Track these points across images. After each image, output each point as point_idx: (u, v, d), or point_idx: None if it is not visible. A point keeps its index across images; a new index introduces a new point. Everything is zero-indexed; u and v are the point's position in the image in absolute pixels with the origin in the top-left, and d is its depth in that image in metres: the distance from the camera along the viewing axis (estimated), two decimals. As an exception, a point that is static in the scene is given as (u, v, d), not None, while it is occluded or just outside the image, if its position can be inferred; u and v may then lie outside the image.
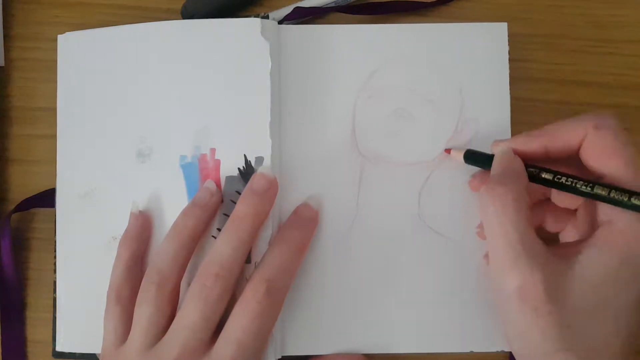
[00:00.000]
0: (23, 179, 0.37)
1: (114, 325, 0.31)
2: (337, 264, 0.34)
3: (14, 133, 0.37)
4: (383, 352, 0.33)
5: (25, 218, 0.37)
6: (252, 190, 0.31)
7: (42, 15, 0.38)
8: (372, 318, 0.33)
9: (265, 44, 0.33)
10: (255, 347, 0.29)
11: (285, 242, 0.31)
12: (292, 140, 0.34)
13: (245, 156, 0.33)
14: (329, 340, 0.33)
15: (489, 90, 0.34)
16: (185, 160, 0.33)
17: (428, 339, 0.33)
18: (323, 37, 0.35)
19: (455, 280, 0.33)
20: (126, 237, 0.33)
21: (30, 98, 0.38)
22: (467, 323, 0.33)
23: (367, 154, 0.34)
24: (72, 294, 0.34)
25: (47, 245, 0.36)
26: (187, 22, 0.35)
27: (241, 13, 0.38)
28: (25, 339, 0.36)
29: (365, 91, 0.35)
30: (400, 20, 0.37)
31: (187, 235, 0.31)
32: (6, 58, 0.38)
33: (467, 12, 0.37)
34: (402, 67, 0.35)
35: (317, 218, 0.33)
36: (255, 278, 0.29)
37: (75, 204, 0.35)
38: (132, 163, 0.34)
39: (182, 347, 0.28)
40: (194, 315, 0.29)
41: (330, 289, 0.33)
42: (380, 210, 0.34)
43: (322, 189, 0.34)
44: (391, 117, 0.35)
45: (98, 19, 0.38)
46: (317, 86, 0.35)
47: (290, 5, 0.37)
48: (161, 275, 0.30)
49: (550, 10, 0.37)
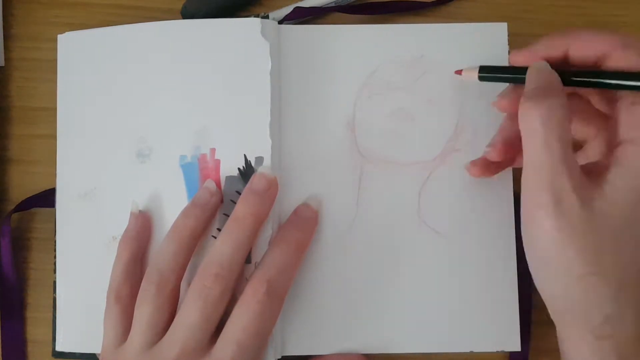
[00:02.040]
0: (23, 179, 0.37)
1: (114, 325, 0.31)
2: (337, 264, 0.34)
3: (14, 133, 0.37)
4: (383, 352, 0.33)
5: (25, 218, 0.37)
6: (252, 190, 0.31)
7: (42, 15, 0.38)
8: (372, 318, 0.33)
9: (265, 44, 0.33)
10: (255, 347, 0.29)
11: (285, 242, 0.31)
12: (292, 140, 0.34)
13: (245, 156, 0.33)
14: (329, 340, 0.33)
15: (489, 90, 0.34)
16: (185, 160, 0.33)
17: (428, 339, 0.33)
18: (323, 37, 0.35)
19: (455, 280, 0.33)
20: (126, 237, 0.33)
21: (30, 98, 0.38)
22: (467, 323, 0.33)
23: (367, 154, 0.34)
24: (72, 294, 0.34)
25: (47, 245, 0.36)
26: (187, 22, 0.35)
27: (241, 13, 0.38)
28: (25, 339, 0.36)
29: (365, 91, 0.35)
30: (400, 20, 0.37)
31: (187, 235, 0.31)
32: (6, 58, 0.38)
33: (467, 12, 0.37)
34: (402, 67, 0.35)
35: (317, 218, 0.33)
36: (255, 278, 0.29)
37: (75, 204, 0.35)
38: (132, 163, 0.34)
39: (182, 347, 0.28)
40: (193, 315, 0.29)
41: (330, 289, 0.33)
42: (380, 210, 0.34)
43: (322, 189, 0.34)
44: (391, 117, 0.35)
45: (98, 19, 0.38)
46: (317, 86, 0.35)
47: (290, 5, 0.37)
48: (161, 275, 0.30)
49: (550, 10, 0.37)
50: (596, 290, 0.26)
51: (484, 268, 0.33)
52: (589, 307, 0.26)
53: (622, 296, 0.26)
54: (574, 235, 0.25)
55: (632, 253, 0.26)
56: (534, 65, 0.29)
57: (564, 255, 0.26)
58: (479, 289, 0.33)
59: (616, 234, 0.26)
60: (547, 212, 0.26)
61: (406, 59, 0.35)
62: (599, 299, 0.26)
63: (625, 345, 0.25)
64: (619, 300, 0.25)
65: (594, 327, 0.26)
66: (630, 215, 0.26)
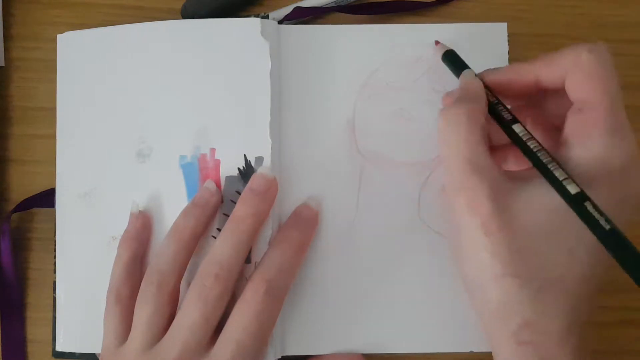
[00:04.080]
0: (23, 179, 0.37)
1: (114, 325, 0.31)
2: (337, 264, 0.34)
3: (14, 133, 0.37)
4: (383, 352, 0.33)
5: (25, 218, 0.37)
6: (252, 190, 0.31)
7: (42, 15, 0.38)
8: (372, 318, 0.33)
9: (265, 44, 0.33)
10: (255, 347, 0.29)
11: (285, 242, 0.31)
12: (292, 140, 0.34)
13: (245, 156, 0.33)
14: (329, 340, 0.33)
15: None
16: (185, 160, 0.33)
17: (428, 339, 0.33)
18: (323, 37, 0.35)
19: (455, 280, 0.33)
20: (126, 237, 0.33)
21: (30, 98, 0.38)
22: (467, 323, 0.33)
23: (367, 154, 0.34)
24: (72, 294, 0.34)
25: (47, 245, 0.36)
26: (187, 22, 0.35)
27: (241, 13, 0.38)
28: (25, 339, 0.36)
29: (365, 91, 0.35)
30: (400, 20, 0.37)
31: (187, 235, 0.31)
32: (6, 58, 0.38)
33: (467, 12, 0.37)
34: (402, 67, 0.35)
35: (317, 218, 0.33)
36: (255, 278, 0.29)
37: (75, 204, 0.35)
38: (132, 163, 0.34)
39: (182, 347, 0.28)
40: (193, 315, 0.29)
41: (330, 289, 0.33)
42: (380, 210, 0.34)
43: (322, 189, 0.34)
44: (391, 117, 0.35)
45: (98, 19, 0.38)
46: (317, 86, 0.35)
47: (290, 5, 0.37)
48: (161, 275, 0.30)
49: (550, 10, 0.37)
50: (514, 292, 0.25)
51: None
52: (508, 310, 0.25)
53: (542, 300, 0.25)
54: (487, 234, 0.25)
55: (553, 257, 0.25)
56: (463, 72, 0.30)
57: (478, 256, 0.26)
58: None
59: (537, 236, 0.25)
60: (461, 215, 0.26)
61: (406, 59, 0.35)
62: (518, 302, 0.25)
63: (546, 349, 0.25)
64: (538, 305, 0.25)
65: (514, 332, 0.25)
66: (553, 218, 0.25)
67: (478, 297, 0.27)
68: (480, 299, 0.27)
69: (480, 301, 0.27)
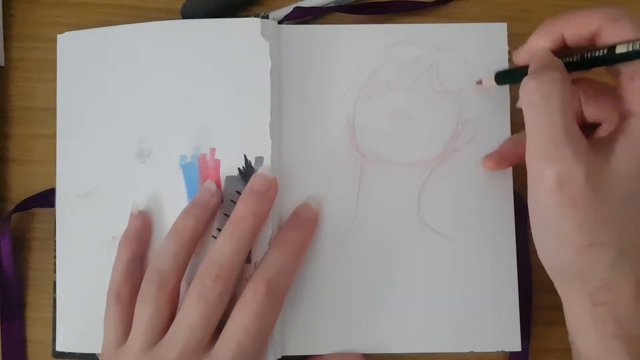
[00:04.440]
0: (23, 179, 0.37)
1: (114, 325, 0.31)
2: (337, 264, 0.34)
3: (14, 133, 0.37)
4: (383, 352, 0.33)
5: (25, 218, 0.37)
6: (252, 190, 0.31)
7: (42, 15, 0.38)
8: (371, 318, 0.33)
9: (265, 44, 0.33)
10: (255, 348, 0.29)
11: (285, 242, 0.31)
12: (292, 140, 0.34)
13: (245, 156, 0.33)
14: (329, 340, 0.33)
15: (489, 90, 0.34)
16: (185, 160, 0.33)
17: (428, 339, 0.33)
18: (323, 37, 0.35)
19: (455, 280, 0.33)
20: (126, 237, 0.33)
21: (30, 98, 0.38)
22: (467, 323, 0.33)
23: (367, 154, 0.34)
24: (72, 294, 0.34)
25: (47, 245, 0.36)
26: (187, 22, 0.35)
27: (241, 13, 0.38)
28: (25, 339, 0.36)
29: (365, 91, 0.35)
30: (400, 20, 0.37)
31: (187, 235, 0.31)
32: (6, 58, 0.38)
33: (467, 12, 0.37)
34: (402, 67, 0.35)
35: (317, 218, 0.33)
36: (255, 278, 0.29)
37: (75, 204, 0.35)
38: (132, 163, 0.34)
39: (182, 347, 0.28)
40: (194, 315, 0.29)
41: (330, 289, 0.33)
42: (380, 210, 0.34)
43: (322, 189, 0.34)
44: (391, 117, 0.35)
45: (98, 19, 0.38)
46: (317, 86, 0.35)
47: (290, 5, 0.37)
48: (161, 275, 0.30)
49: (550, 10, 0.37)
50: (595, 258, 0.26)
51: (484, 268, 0.33)
52: (587, 273, 0.26)
53: (621, 263, 0.26)
54: (575, 209, 0.26)
55: (634, 223, 0.26)
56: (533, 53, 0.29)
57: (563, 228, 0.26)
58: (479, 288, 0.33)
59: (619, 204, 0.26)
60: (548, 185, 0.26)
61: (406, 59, 0.35)
62: (598, 266, 0.26)
63: (621, 311, 0.26)
64: (617, 267, 0.26)
65: (591, 293, 0.26)
66: (635, 185, 0.26)
67: (559, 269, 0.27)
68: (561, 270, 0.27)
69: (561, 272, 0.27)
